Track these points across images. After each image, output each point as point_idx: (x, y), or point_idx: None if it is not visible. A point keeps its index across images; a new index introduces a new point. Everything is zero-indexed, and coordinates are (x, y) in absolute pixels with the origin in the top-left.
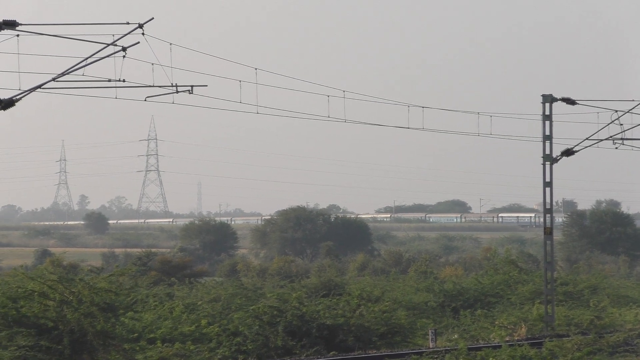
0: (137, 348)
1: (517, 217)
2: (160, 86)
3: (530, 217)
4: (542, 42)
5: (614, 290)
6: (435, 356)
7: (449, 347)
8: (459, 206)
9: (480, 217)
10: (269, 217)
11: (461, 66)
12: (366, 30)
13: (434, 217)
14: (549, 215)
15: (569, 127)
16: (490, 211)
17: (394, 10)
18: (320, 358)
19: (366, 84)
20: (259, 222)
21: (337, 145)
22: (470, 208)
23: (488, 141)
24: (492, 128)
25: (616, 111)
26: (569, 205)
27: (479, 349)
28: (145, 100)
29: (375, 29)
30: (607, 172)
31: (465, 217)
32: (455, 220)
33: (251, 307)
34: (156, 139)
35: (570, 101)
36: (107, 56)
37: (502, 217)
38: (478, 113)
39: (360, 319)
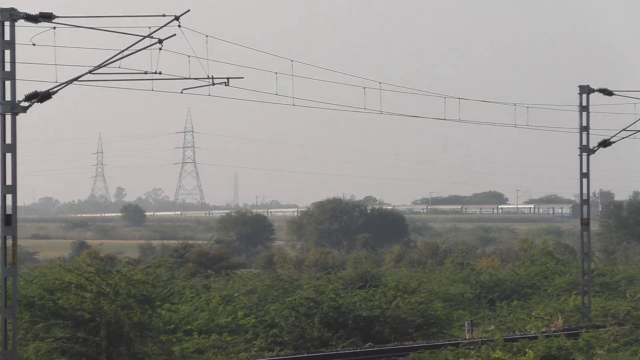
0: (174, 339)
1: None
2: (196, 78)
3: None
4: (579, 32)
5: None
6: (472, 347)
7: (485, 338)
8: (496, 197)
9: (517, 208)
10: (306, 209)
11: (498, 57)
12: (402, 22)
13: (470, 209)
14: (585, 206)
15: (606, 118)
16: (527, 202)
17: (430, 1)
18: (356, 349)
19: (402, 75)
20: (296, 214)
21: (373, 136)
22: (507, 199)
23: (525, 132)
24: (529, 119)
25: None
26: (606, 196)
27: (516, 340)
28: (181, 92)
29: (412, 20)
30: None
31: (501, 209)
32: (492, 212)
33: (287, 299)
34: (192, 131)
35: (607, 92)
36: (144, 48)
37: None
38: (515, 104)
39: (396, 311)
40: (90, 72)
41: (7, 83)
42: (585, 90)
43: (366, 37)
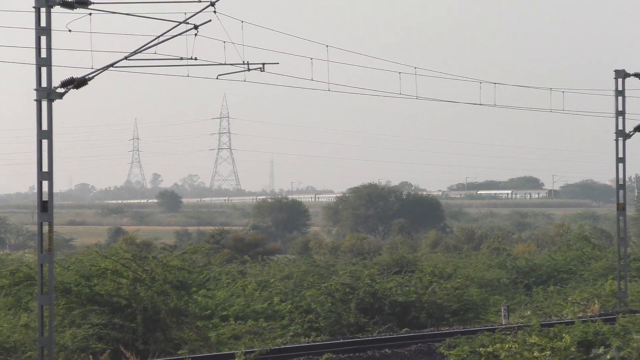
0: (210, 325)
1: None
2: (231, 64)
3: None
4: (615, 15)
5: None
6: (508, 333)
7: (521, 323)
8: (532, 182)
9: (495, 194)
10: (341, 195)
11: (534, 41)
12: (437, 6)
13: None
14: (621, 191)
15: None
16: (563, 187)
17: None
18: (392, 335)
19: (438, 60)
20: (332, 199)
21: (408, 121)
22: (543, 184)
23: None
24: (565, 104)
25: None
26: None
27: (552, 325)
28: (217, 78)
29: (446, 5)
30: None
31: (538, 193)
32: (527, 197)
33: (323, 285)
34: (228, 117)
35: None
36: (179, 34)
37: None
38: (550, 89)
39: (432, 296)
40: (126, 58)
41: (43, 69)
42: (621, 74)
43: (402, 23)
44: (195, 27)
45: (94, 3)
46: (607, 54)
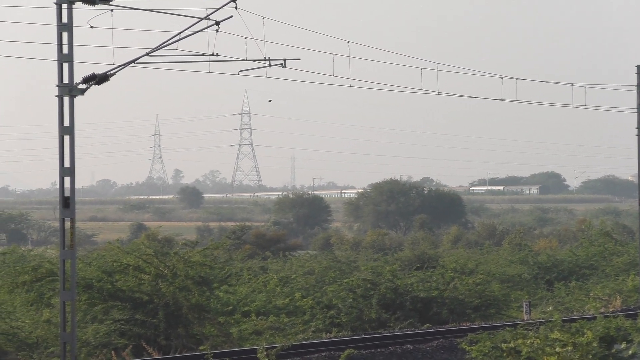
0: (232, 321)
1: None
2: (253, 60)
3: None
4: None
5: None
6: (530, 328)
7: (543, 319)
8: (553, 178)
9: (488, 189)
10: (363, 191)
11: (556, 37)
12: (459, 2)
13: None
14: None
15: None
16: (584, 182)
17: None
18: (414, 331)
19: (459, 55)
20: (353, 195)
21: (430, 117)
22: (564, 180)
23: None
24: (587, 99)
25: None
26: None
27: (574, 320)
28: (238, 74)
29: (468, 0)
30: None
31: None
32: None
33: (345, 280)
34: (249, 112)
35: None
36: (201, 30)
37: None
38: (572, 84)
39: (454, 292)
40: (147, 54)
41: (65, 65)
42: None
43: (423, 19)
44: (217, 23)
45: None
46: (630, 49)
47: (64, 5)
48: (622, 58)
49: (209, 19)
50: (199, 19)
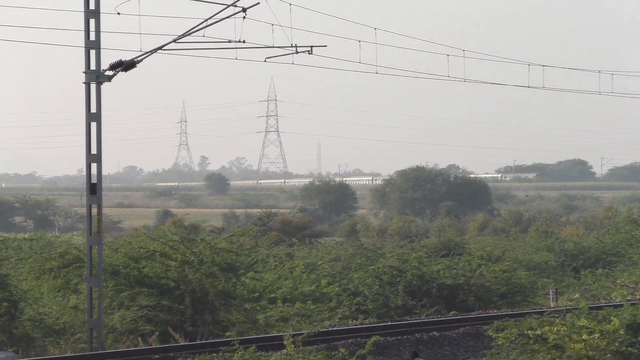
0: (258, 308)
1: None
2: (280, 47)
3: None
4: None
5: None
6: (557, 315)
7: (570, 306)
8: (580, 165)
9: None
10: (389, 177)
11: (582, 24)
12: None
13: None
14: None
15: None
16: (611, 170)
17: None
18: (440, 318)
19: (486, 42)
20: (379, 182)
21: (456, 104)
22: (591, 167)
23: (610, 99)
24: (614, 86)
25: None
26: None
27: (601, 308)
28: (265, 61)
29: None
30: None
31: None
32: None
33: (371, 267)
34: (276, 99)
35: None
36: (227, 17)
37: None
38: (599, 71)
39: (480, 279)
40: (174, 41)
41: (92, 52)
42: None
43: (450, 5)
44: (244, 10)
45: None
46: None
47: None
48: None
49: (236, 6)
50: (226, 6)
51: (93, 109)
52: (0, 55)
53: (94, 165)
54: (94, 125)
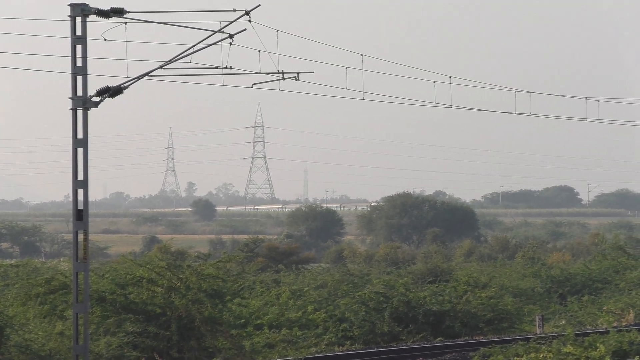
0: (244, 334)
1: None
2: (266, 73)
3: None
4: None
5: None
6: (543, 342)
7: (556, 333)
8: (567, 192)
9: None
10: (375, 204)
11: (569, 51)
12: (471, 15)
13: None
14: None
15: None
16: (598, 196)
17: None
18: (426, 344)
19: (472, 69)
20: (366, 208)
21: (443, 131)
22: (577, 193)
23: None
24: (600, 113)
25: None
26: None
27: (587, 334)
28: (252, 87)
29: (479, 14)
30: None
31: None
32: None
33: (357, 294)
34: (263, 125)
35: None
36: (214, 43)
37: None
38: (586, 98)
39: (467, 305)
40: (161, 67)
41: (79, 78)
42: None
43: (436, 32)
44: (230, 36)
45: (129, 12)
46: None
47: (78, 18)
48: (636, 72)
49: (223, 32)
50: (212, 32)
51: (80, 135)
52: None
53: (80, 191)
54: (80, 151)
